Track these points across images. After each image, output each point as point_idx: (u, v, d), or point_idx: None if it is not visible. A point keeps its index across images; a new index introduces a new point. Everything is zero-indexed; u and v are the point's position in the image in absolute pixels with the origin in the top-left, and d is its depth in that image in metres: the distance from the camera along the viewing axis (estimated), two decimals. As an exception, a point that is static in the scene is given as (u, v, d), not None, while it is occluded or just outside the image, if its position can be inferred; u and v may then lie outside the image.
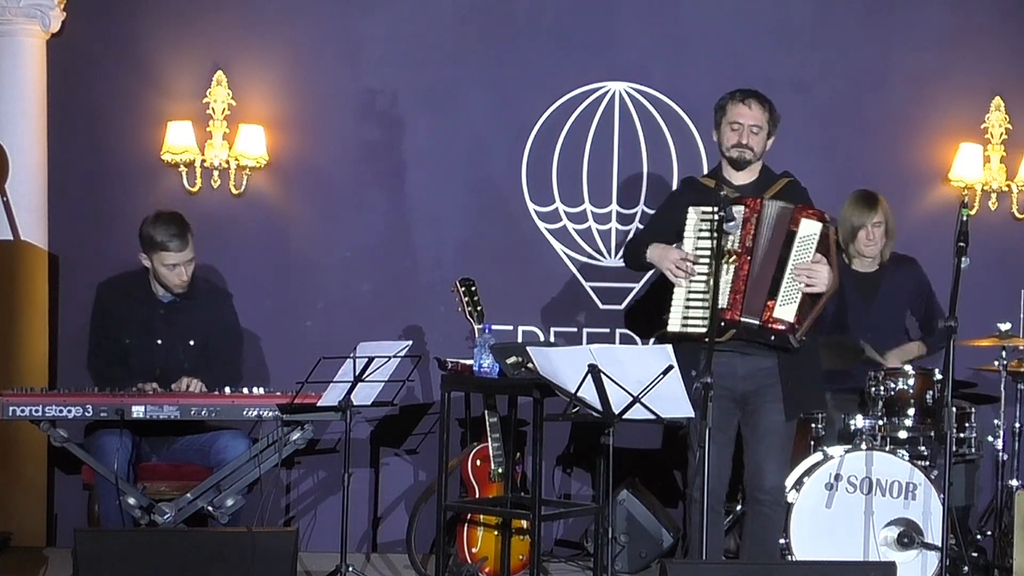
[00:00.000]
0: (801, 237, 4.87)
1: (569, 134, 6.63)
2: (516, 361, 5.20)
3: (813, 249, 4.87)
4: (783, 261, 4.87)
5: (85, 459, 5.21)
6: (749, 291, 4.85)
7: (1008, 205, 6.71)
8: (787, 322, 4.85)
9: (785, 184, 5.10)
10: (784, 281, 4.86)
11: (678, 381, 4.42)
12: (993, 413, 5.93)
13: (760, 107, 5.06)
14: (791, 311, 4.86)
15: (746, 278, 4.86)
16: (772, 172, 5.16)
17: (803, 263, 4.86)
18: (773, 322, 4.85)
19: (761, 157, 5.11)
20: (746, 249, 4.87)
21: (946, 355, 4.93)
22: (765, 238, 4.88)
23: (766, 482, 5.01)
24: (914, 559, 5.37)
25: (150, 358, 5.49)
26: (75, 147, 6.47)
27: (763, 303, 4.85)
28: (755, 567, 4.77)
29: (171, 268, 5.44)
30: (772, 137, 5.12)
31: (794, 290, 4.86)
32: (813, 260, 4.87)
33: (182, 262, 5.45)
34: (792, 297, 4.86)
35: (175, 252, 5.41)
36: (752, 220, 4.87)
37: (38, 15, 6.32)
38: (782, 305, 4.85)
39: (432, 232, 6.62)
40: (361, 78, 6.61)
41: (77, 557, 4.69)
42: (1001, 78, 6.72)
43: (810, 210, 4.93)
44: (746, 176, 5.09)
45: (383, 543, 6.52)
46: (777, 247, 4.87)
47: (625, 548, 6.07)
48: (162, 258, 5.42)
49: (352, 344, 5.17)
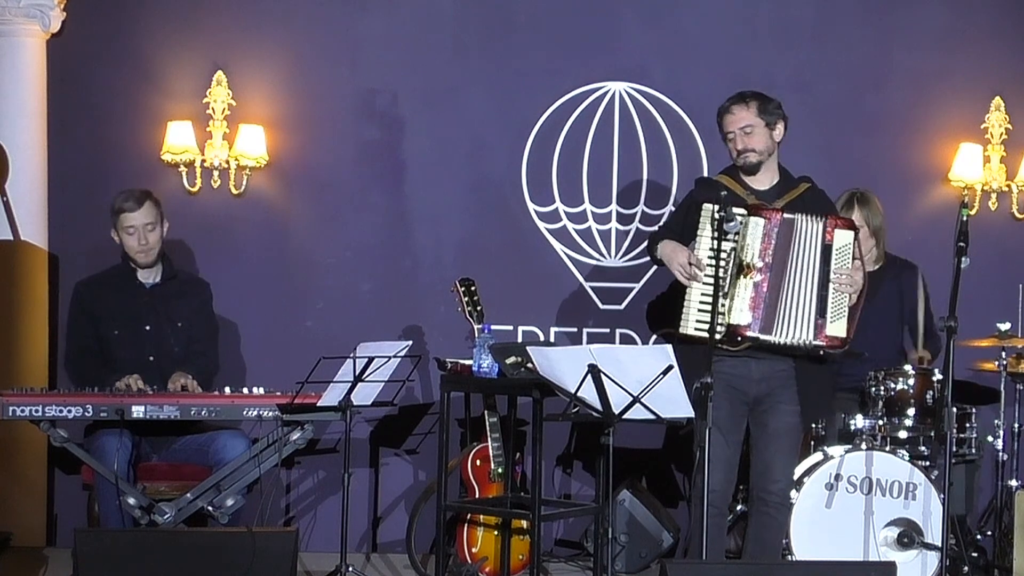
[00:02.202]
0: (838, 249, 4.87)
1: (569, 134, 6.63)
2: (516, 361, 5.20)
3: (850, 258, 4.87)
4: (825, 276, 4.85)
5: (85, 459, 5.21)
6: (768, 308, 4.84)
7: (1008, 205, 6.71)
8: (841, 338, 4.87)
9: (805, 190, 5.07)
10: (830, 297, 4.85)
11: (678, 381, 4.41)
12: (993, 413, 5.93)
13: (743, 107, 5.02)
14: (842, 326, 4.87)
15: (766, 295, 4.84)
16: (791, 176, 5.13)
17: (844, 274, 4.86)
18: (828, 340, 4.85)
19: (770, 152, 5.05)
20: (766, 265, 4.85)
21: (946, 355, 4.92)
22: (796, 253, 4.85)
23: (773, 483, 5.01)
24: (914, 559, 5.37)
25: (141, 345, 5.50)
26: (75, 147, 6.48)
27: (811, 321, 4.83)
28: (755, 567, 4.77)
29: (131, 233, 5.47)
30: (776, 128, 5.05)
31: (841, 304, 4.86)
32: (854, 269, 4.87)
33: (139, 224, 5.47)
34: (841, 311, 4.87)
35: (130, 213, 5.46)
36: (772, 234, 4.85)
37: (38, 15, 6.32)
38: (833, 321, 4.85)
39: (432, 232, 6.62)
40: (361, 78, 6.61)
41: (77, 557, 4.69)
42: (1001, 78, 6.71)
43: (839, 219, 4.91)
44: (765, 180, 5.05)
45: (383, 543, 6.52)
46: (814, 262, 4.85)
47: (625, 548, 6.07)
48: (121, 222, 5.48)
49: (352, 344, 5.17)
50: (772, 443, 4.98)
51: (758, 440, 5.03)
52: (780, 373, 4.96)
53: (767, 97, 5.07)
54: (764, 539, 5.08)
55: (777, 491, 5.02)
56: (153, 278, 5.60)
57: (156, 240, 5.54)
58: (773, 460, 4.99)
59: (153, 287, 5.59)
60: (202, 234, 6.45)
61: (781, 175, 5.10)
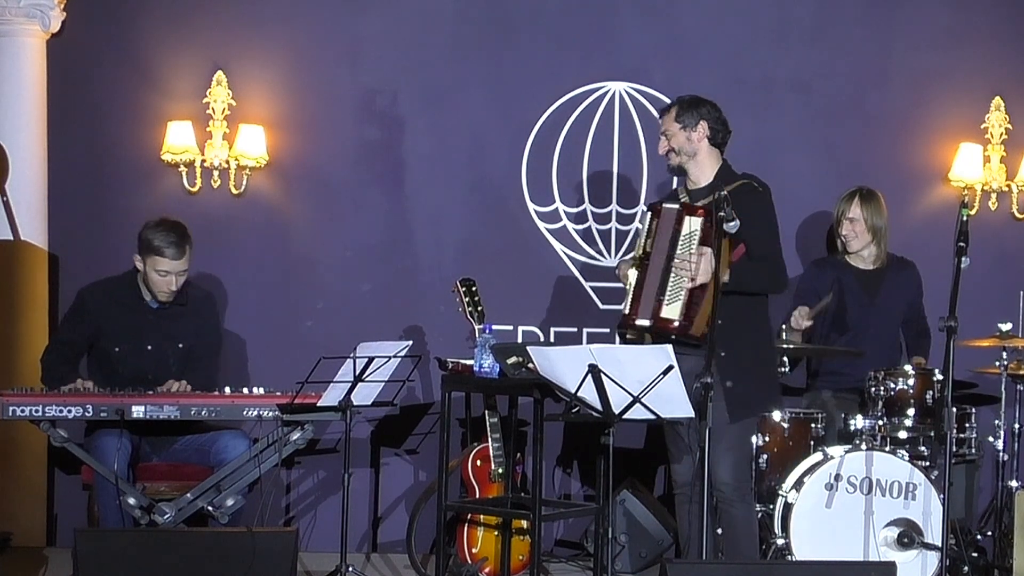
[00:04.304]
0: (684, 235, 4.96)
1: (569, 134, 6.63)
2: (517, 361, 5.20)
3: (695, 244, 4.94)
4: (669, 260, 4.98)
5: (85, 459, 5.21)
6: (644, 294, 4.98)
7: (1008, 205, 6.71)
8: (670, 320, 4.94)
9: (738, 186, 5.09)
10: (670, 280, 4.96)
11: (678, 381, 4.42)
12: (993, 414, 5.93)
13: (666, 114, 5.24)
14: (676, 309, 4.95)
15: (643, 282, 5.00)
16: (733, 174, 5.18)
17: (683, 259, 4.94)
18: (661, 321, 4.95)
19: (691, 153, 5.16)
20: (645, 254, 5.02)
21: (946, 355, 4.92)
22: (660, 242, 5.00)
23: (720, 480, 5.06)
24: (914, 559, 5.37)
25: (140, 363, 5.49)
26: (75, 147, 6.48)
27: (653, 304, 4.96)
28: (755, 567, 4.77)
29: (163, 275, 5.41)
30: (694, 129, 5.15)
31: (678, 288, 4.95)
32: (695, 254, 4.93)
33: (175, 271, 5.42)
34: (676, 296, 4.95)
35: (169, 260, 5.39)
36: (653, 226, 5.02)
37: (38, 15, 6.32)
38: (668, 304, 4.96)
39: (432, 232, 6.62)
40: (361, 78, 6.61)
41: (77, 557, 4.69)
42: (1001, 78, 6.72)
43: (697, 208, 4.99)
44: (701, 179, 5.17)
45: (383, 543, 6.52)
46: (665, 248, 4.99)
47: (625, 548, 6.07)
48: (155, 263, 5.40)
49: (352, 344, 5.17)
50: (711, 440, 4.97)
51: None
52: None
53: (695, 101, 5.19)
54: (729, 535, 5.16)
55: (724, 486, 5.07)
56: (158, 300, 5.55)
57: (183, 280, 5.48)
58: (717, 458, 4.98)
59: (159, 308, 5.54)
60: (202, 234, 6.39)
61: (719, 175, 5.16)
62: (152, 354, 5.51)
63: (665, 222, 5.01)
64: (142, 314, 5.52)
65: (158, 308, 5.53)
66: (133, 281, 5.53)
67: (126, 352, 5.49)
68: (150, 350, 5.51)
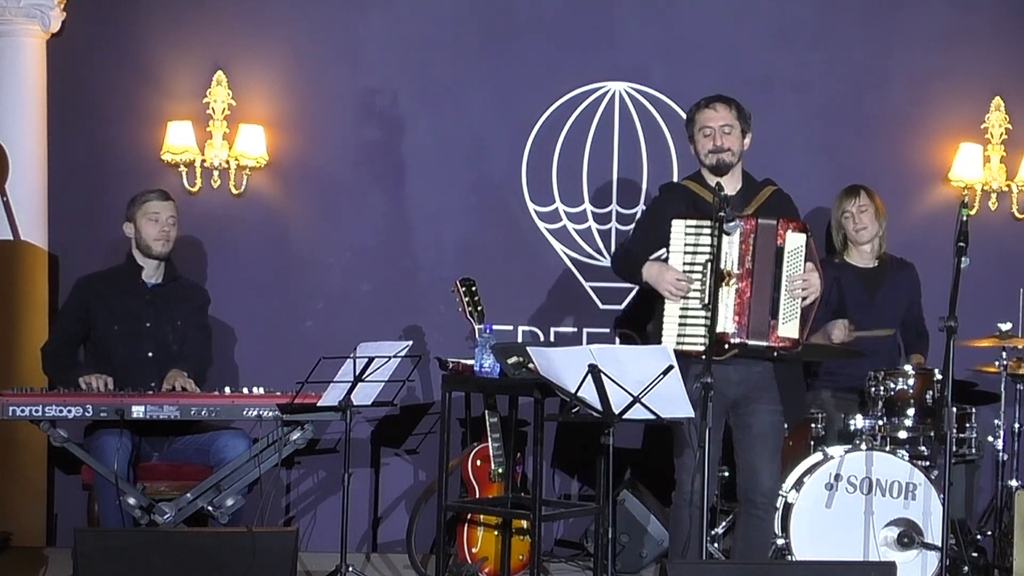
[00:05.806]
0: (789, 251, 4.87)
1: (569, 134, 6.63)
2: (517, 361, 5.20)
3: (802, 261, 4.88)
4: (777, 279, 4.86)
5: (85, 459, 5.21)
6: (753, 314, 4.85)
7: (1008, 205, 6.71)
8: (792, 339, 4.87)
9: (771, 194, 5.08)
10: (782, 299, 4.86)
11: (678, 381, 4.42)
12: (993, 413, 5.93)
13: (726, 107, 5.04)
14: (794, 327, 4.87)
15: (750, 301, 4.85)
16: (754, 179, 5.13)
17: (795, 277, 4.87)
18: (780, 341, 4.86)
19: (740, 158, 5.07)
20: (746, 271, 4.86)
21: (946, 355, 4.92)
22: (760, 258, 4.86)
23: (761, 485, 5.00)
24: (914, 559, 5.37)
25: (139, 341, 5.51)
26: (75, 147, 6.48)
27: (767, 324, 4.85)
28: (755, 567, 4.76)
29: (154, 218, 5.52)
30: (748, 136, 5.08)
31: (792, 306, 4.87)
32: (806, 271, 4.88)
33: (165, 213, 5.53)
34: (792, 313, 4.87)
35: (157, 201, 5.54)
36: (749, 240, 4.86)
37: (38, 15, 6.32)
38: (785, 323, 4.86)
39: (432, 232, 6.62)
40: (361, 78, 6.61)
41: (77, 557, 4.69)
42: (1001, 78, 6.72)
43: (792, 222, 4.91)
44: (729, 185, 5.01)
45: (383, 543, 6.52)
46: (769, 265, 4.86)
47: (625, 548, 6.07)
48: (145, 210, 5.52)
49: (352, 344, 5.17)
50: (757, 445, 4.98)
51: (741, 442, 5.02)
52: (757, 375, 4.96)
53: (742, 105, 5.10)
54: (752, 539, 5.06)
55: (766, 492, 5.01)
56: (156, 278, 5.61)
57: (174, 236, 5.59)
58: (759, 462, 4.97)
59: (155, 287, 5.60)
60: (202, 234, 6.45)
61: (744, 180, 5.12)
62: (151, 331, 5.54)
63: (763, 238, 4.86)
64: (138, 293, 5.56)
65: (153, 287, 5.58)
66: (128, 265, 5.59)
67: (124, 332, 5.51)
68: (149, 327, 5.54)
